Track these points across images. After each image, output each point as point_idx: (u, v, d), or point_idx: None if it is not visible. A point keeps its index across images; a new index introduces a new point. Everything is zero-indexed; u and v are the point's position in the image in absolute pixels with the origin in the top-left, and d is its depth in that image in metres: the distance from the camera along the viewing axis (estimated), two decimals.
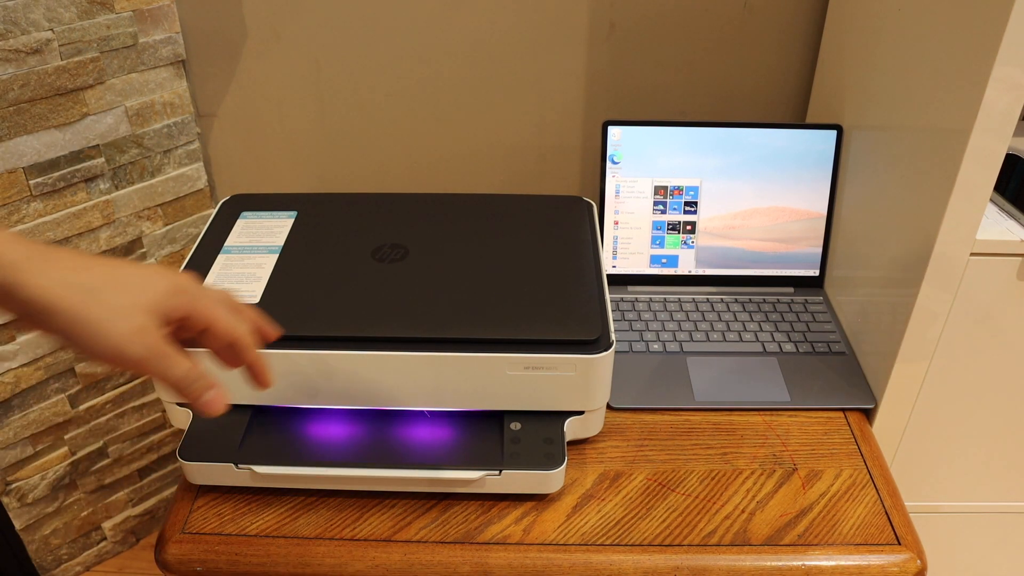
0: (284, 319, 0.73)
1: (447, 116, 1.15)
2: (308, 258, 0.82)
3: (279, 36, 1.09)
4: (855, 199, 0.93)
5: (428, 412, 0.77)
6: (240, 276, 0.79)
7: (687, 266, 1.02)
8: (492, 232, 0.87)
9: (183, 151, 1.16)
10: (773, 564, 0.71)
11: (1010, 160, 0.83)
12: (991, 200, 0.81)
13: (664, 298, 1.00)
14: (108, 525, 1.35)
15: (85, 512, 1.31)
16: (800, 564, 0.71)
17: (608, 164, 0.98)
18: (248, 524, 0.73)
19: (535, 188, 1.21)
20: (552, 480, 0.73)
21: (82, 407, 1.22)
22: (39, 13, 0.96)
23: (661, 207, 1.00)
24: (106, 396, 1.24)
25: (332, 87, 1.13)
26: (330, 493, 0.76)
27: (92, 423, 1.24)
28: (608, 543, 0.72)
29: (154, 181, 1.15)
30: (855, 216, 0.93)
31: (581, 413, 0.76)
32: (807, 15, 1.07)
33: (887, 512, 0.75)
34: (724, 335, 0.95)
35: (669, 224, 1.00)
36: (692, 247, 1.01)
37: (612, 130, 0.97)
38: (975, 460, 0.91)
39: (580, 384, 0.74)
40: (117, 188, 1.12)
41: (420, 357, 0.71)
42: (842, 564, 0.71)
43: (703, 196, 0.99)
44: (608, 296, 0.79)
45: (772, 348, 0.93)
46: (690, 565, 0.71)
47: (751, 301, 1.00)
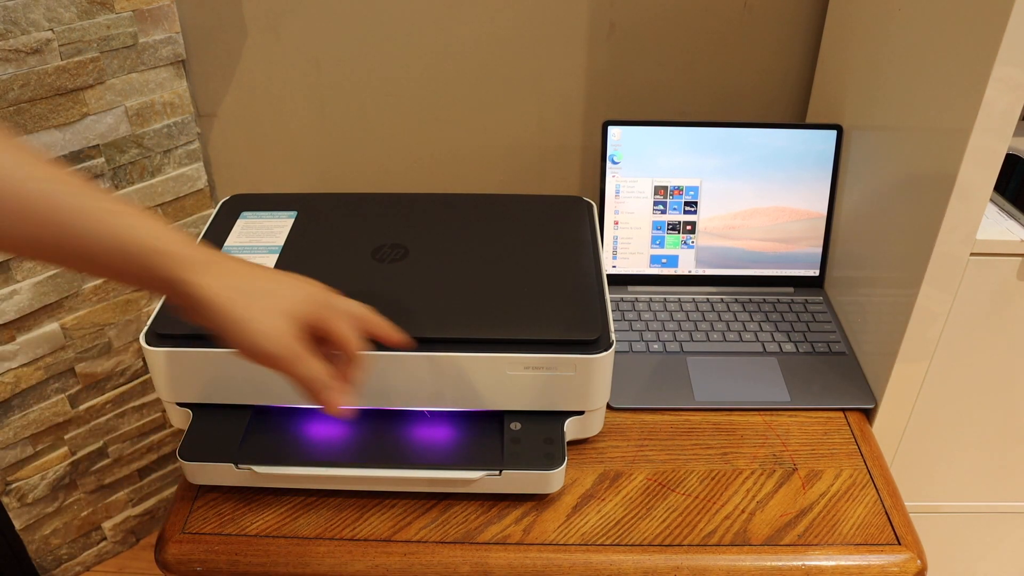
0: None
1: (447, 116, 1.15)
2: (308, 258, 0.83)
3: (279, 36, 1.09)
4: (855, 199, 0.93)
5: (428, 412, 0.77)
6: None
7: (687, 266, 1.02)
8: (492, 232, 0.87)
9: (183, 151, 1.16)
10: (773, 564, 0.71)
11: (1010, 160, 0.83)
12: (991, 200, 0.81)
13: (664, 298, 1.00)
14: (108, 525, 1.35)
15: (85, 512, 1.31)
16: (800, 564, 0.71)
17: (608, 164, 0.98)
18: (248, 524, 0.73)
19: (535, 188, 1.21)
20: (552, 480, 0.73)
21: (82, 407, 1.22)
22: (39, 13, 0.96)
23: (661, 207, 1.00)
24: (106, 396, 1.24)
25: (332, 87, 1.13)
26: (330, 493, 0.76)
27: (92, 423, 1.24)
28: (608, 543, 0.72)
29: (154, 181, 1.15)
30: (855, 216, 0.93)
31: (581, 413, 0.76)
32: (807, 15, 1.07)
33: (887, 512, 0.75)
34: (724, 335, 0.95)
35: (669, 224, 1.00)
36: (692, 247, 1.01)
37: (612, 130, 0.97)
38: (975, 460, 0.91)
39: (580, 384, 0.74)
40: (117, 188, 1.12)
41: (420, 357, 0.71)
42: (842, 564, 0.71)
43: (703, 196, 0.99)
44: (608, 296, 0.79)
45: (772, 348, 0.93)
46: (690, 565, 0.71)
47: (751, 301, 1.00)
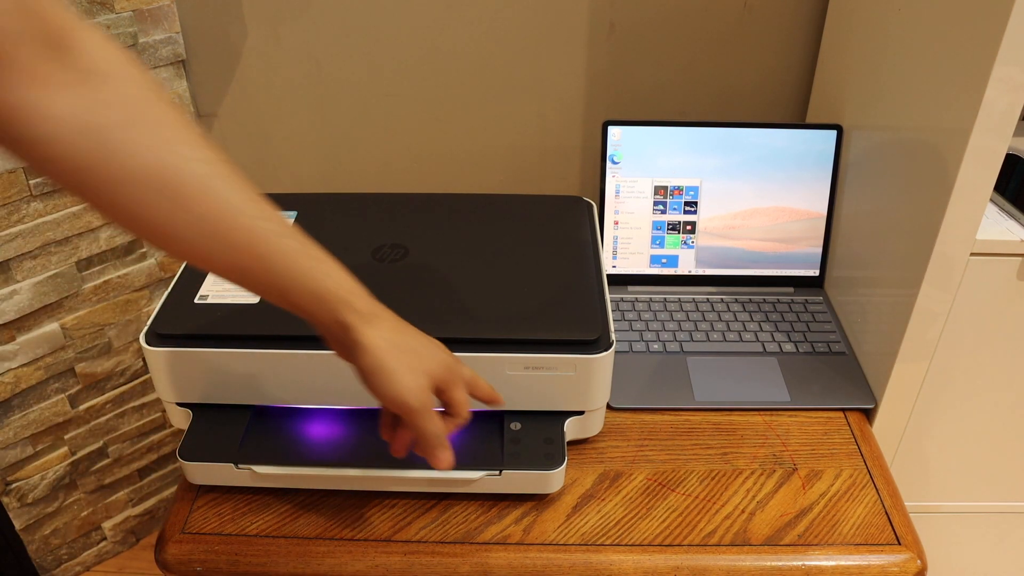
0: (284, 319, 0.73)
1: (447, 116, 1.15)
2: None
3: (279, 36, 1.09)
4: (855, 199, 0.93)
5: None
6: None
7: (687, 266, 1.02)
8: (492, 232, 0.87)
9: None
10: (773, 564, 0.71)
11: (1010, 160, 0.82)
12: (991, 200, 0.81)
13: (664, 298, 1.00)
14: (108, 525, 1.35)
15: (85, 512, 1.31)
16: (800, 564, 0.71)
17: (608, 164, 0.98)
18: (248, 524, 0.73)
19: (535, 188, 1.21)
20: (552, 480, 0.73)
21: (82, 407, 1.22)
22: None
23: (661, 207, 1.00)
24: (106, 396, 1.24)
25: (332, 87, 1.13)
26: (330, 493, 0.76)
27: (92, 423, 1.24)
28: (608, 543, 0.72)
29: None
30: (855, 216, 0.93)
31: (581, 413, 0.76)
32: (807, 15, 1.07)
33: (887, 512, 0.75)
34: (724, 335, 0.95)
35: (669, 224, 1.00)
36: (692, 247, 1.01)
37: (612, 130, 0.97)
38: (975, 460, 0.91)
39: (580, 384, 0.74)
40: None
41: None
42: (842, 564, 0.71)
43: (703, 196, 0.99)
44: (608, 296, 0.79)
45: (772, 348, 0.93)
46: (690, 565, 0.71)
47: (751, 301, 1.00)
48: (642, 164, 0.98)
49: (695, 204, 1.00)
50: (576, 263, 0.82)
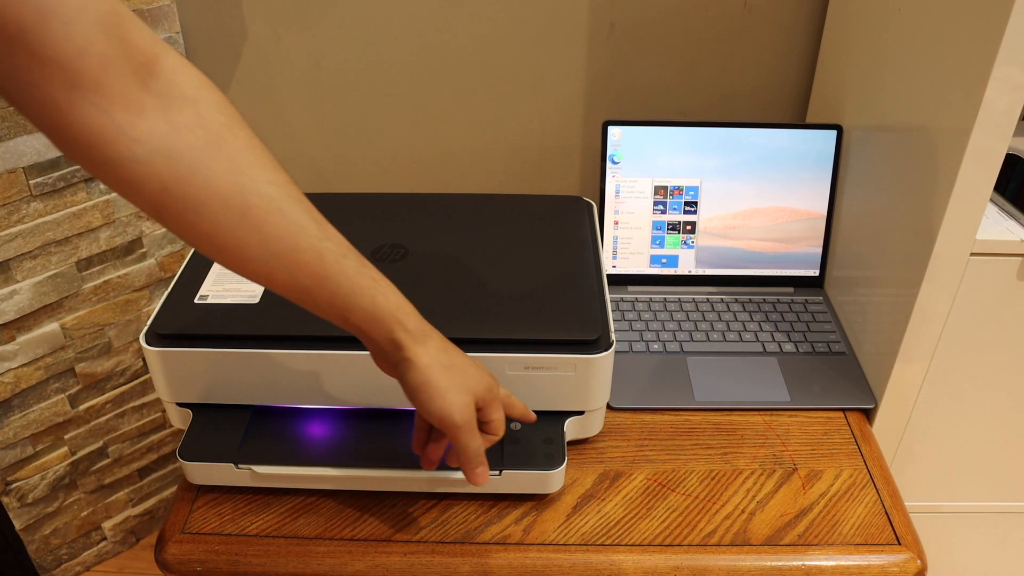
0: (284, 319, 0.73)
1: (447, 116, 1.15)
2: None
3: (279, 36, 1.09)
4: (855, 199, 0.93)
5: None
6: (240, 276, 0.79)
7: (687, 266, 1.02)
8: (492, 232, 0.87)
9: None
10: (773, 564, 0.71)
11: (1010, 160, 0.83)
12: (991, 200, 0.81)
13: (664, 298, 1.00)
14: (108, 525, 1.35)
15: (85, 512, 1.31)
16: (800, 564, 0.71)
17: (608, 164, 0.98)
18: (248, 524, 0.73)
19: (535, 188, 1.21)
20: (552, 480, 0.73)
21: (82, 407, 1.22)
22: None
23: (661, 207, 1.00)
24: (106, 396, 1.24)
25: (332, 87, 1.13)
26: (330, 493, 0.76)
27: (92, 423, 1.24)
28: (608, 543, 0.72)
29: None
30: (855, 216, 0.93)
31: (581, 413, 0.76)
32: (807, 15, 1.07)
33: (887, 512, 0.75)
34: (724, 335, 0.95)
35: (669, 224, 1.00)
36: (692, 247, 1.01)
37: (612, 130, 0.97)
38: (975, 460, 0.91)
39: (580, 384, 0.74)
40: None
41: None
42: (842, 564, 0.71)
43: (703, 196, 0.99)
44: (608, 296, 0.79)
45: (772, 348, 0.93)
46: (690, 565, 0.71)
47: (751, 301, 1.00)
48: (642, 164, 0.98)
49: (695, 204, 1.00)
50: (576, 263, 0.82)
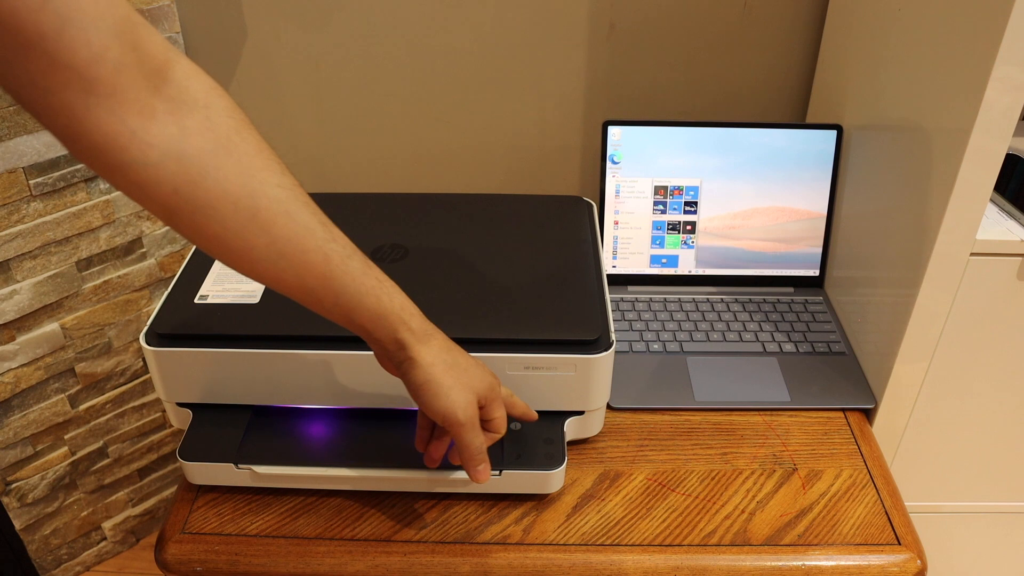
0: (284, 319, 0.73)
1: (447, 116, 1.15)
2: None
3: (279, 36, 1.09)
4: (855, 199, 0.93)
5: None
6: (240, 276, 0.79)
7: (687, 266, 1.02)
8: (492, 232, 0.87)
9: None
10: (773, 564, 0.71)
11: (1010, 160, 0.83)
12: (991, 200, 0.81)
13: (664, 298, 1.00)
14: (108, 525, 1.35)
15: (85, 512, 1.31)
16: (800, 564, 0.71)
17: (608, 164, 0.98)
18: (248, 524, 0.73)
19: (535, 188, 1.21)
20: (552, 480, 0.73)
21: (82, 407, 1.22)
22: None
23: (661, 207, 1.00)
24: (106, 396, 1.24)
25: (332, 87, 1.13)
26: (330, 493, 0.76)
27: (92, 423, 1.24)
28: (608, 543, 0.72)
29: None
30: (855, 216, 0.93)
31: (581, 413, 0.76)
32: (807, 15, 1.07)
33: (887, 512, 0.75)
34: (724, 335, 0.95)
35: (669, 224, 1.00)
36: (692, 247, 1.01)
37: (612, 130, 0.97)
38: (975, 460, 0.91)
39: (580, 384, 0.74)
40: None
41: None
42: (842, 564, 0.71)
43: (703, 196, 0.99)
44: (608, 296, 0.79)
45: (772, 348, 0.93)
46: (690, 565, 0.71)
47: (751, 301, 1.00)
48: (642, 164, 0.98)
49: (695, 204, 1.00)
50: (576, 263, 0.82)
